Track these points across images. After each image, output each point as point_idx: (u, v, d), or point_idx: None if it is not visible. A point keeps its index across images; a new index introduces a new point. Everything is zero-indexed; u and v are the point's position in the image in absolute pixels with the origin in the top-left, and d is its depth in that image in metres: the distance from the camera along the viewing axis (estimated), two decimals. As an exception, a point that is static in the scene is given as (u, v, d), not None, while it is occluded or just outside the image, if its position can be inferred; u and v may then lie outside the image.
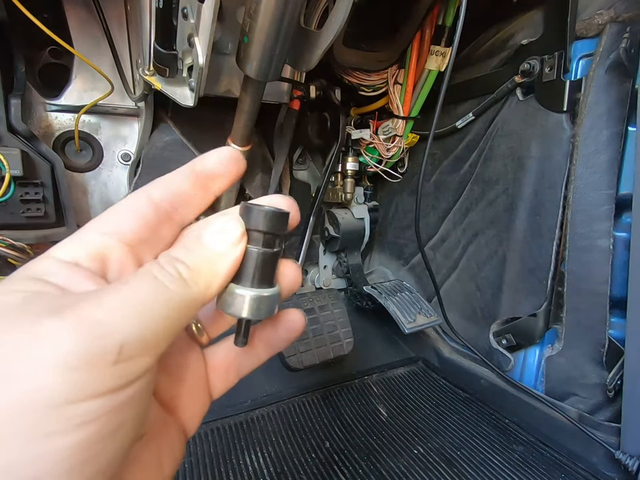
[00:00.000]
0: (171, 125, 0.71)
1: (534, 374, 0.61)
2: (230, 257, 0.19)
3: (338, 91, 0.81)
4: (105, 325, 0.15)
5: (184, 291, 0.18)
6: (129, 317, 0.16)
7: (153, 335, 0.16)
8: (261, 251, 0.21)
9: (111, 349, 0.15)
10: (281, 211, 0.21)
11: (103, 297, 0.16)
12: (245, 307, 0.21)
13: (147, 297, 0.17)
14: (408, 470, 0.53)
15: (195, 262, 0.19)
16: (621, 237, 0.52)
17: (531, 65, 0.60)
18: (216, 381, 0.25)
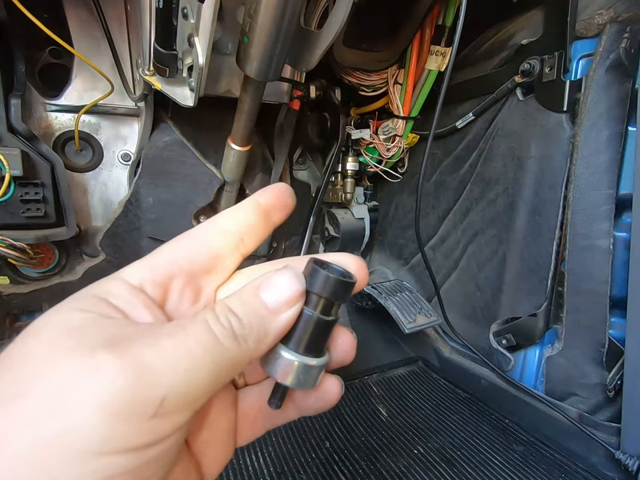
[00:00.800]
0: (171, 125, 0.71)
1: (534, 374, 0.61)
2: (283, 317, 0.18)
3: (338, 91, 0.81)
4: (153, 372, 0.15)
5: (234, 347, 0.17)
6: (178, 369, 0.15)
7: (195, 390, 0.16)
8: (316, 317, 0.19)
9: (154, 401, 0.14)
10: (348, 280, 0.20)
11: (158, 339, 0.16)
12: (287, 373, 0.20)
13: (198, 350, 0.16)
14: (408, 470, 0.53)
15: (248, 317, 0.18)
16: (621, 237, 0.52)
17: (531, 64, 0.60)
18: (244, 428, 0.24)
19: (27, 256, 0.60)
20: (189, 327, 0.17)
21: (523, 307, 0.62)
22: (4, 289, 0.66)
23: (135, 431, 0.14)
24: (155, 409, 0.14)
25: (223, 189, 0.75)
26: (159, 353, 0.15)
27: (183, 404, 0.15)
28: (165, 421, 0.15)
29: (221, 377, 0.17)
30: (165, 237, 0.73)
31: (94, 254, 0.72)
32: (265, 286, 0.19)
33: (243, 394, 0.25)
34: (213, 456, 0.23)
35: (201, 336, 0.16)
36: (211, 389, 0.17)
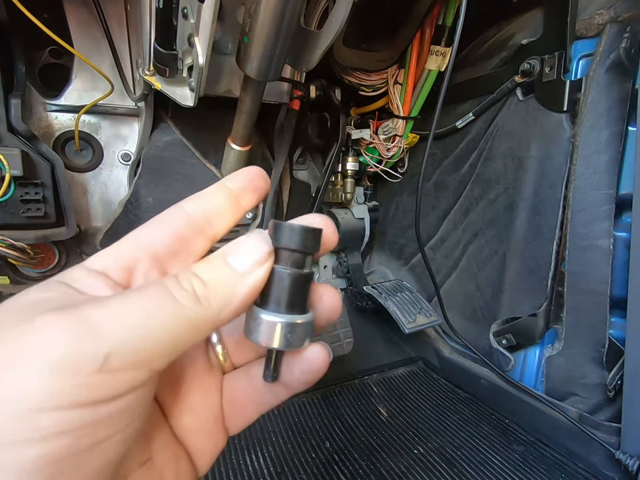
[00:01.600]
0: (171, 125, 0.71)
1: (534, 374, 0.61)
2: (251, 277, 0.18)
3: (338, 91, 0.81)
4: (97, 327, 0.14)
5: (194, 308, 0.17)
6: (126, 325, 0.15)
7: (149, 348, 0.15)
8: (289, 271, 0.19)
9: (97, 356, 0.14)
10: (312, 227, 0.19)
11: (108, 300, 0.15)
12: (272, 335, 0.19)
13: (152, 307, 0.16)
14: (408, 470, 0.53)
15: (212, 279, 0.18)
16: (621, 237, 0.52)
17: (531, 64, 0.60)
18: (233, 414, 0.23)
19: (27, 256, 0.60)
20: (143, 290, 0.16)
21: (523, 307, 0.62)
22: (4, 289, 0.66)
23: (81, 386, 0.14)
24: (99, 364, 0.14)
25: (222, 188, 0.75)
26: (107, 310, 0.15)
27: (135, 361, 0.15)
28: (116, 377, 0.14)
29: (180, 337, 0.16)
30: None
31: (94, 254, 0.72)
32: (232, 251, 0.18)
33: (229, 379, 0.24)
34: (202, 444, 0.22)
35: (156, 294, 0.16)
36: (168, 350, 0.16)
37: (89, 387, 0.14)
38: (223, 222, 0.21)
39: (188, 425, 0.22)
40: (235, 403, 0.23)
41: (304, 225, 0.19)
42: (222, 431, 0.23)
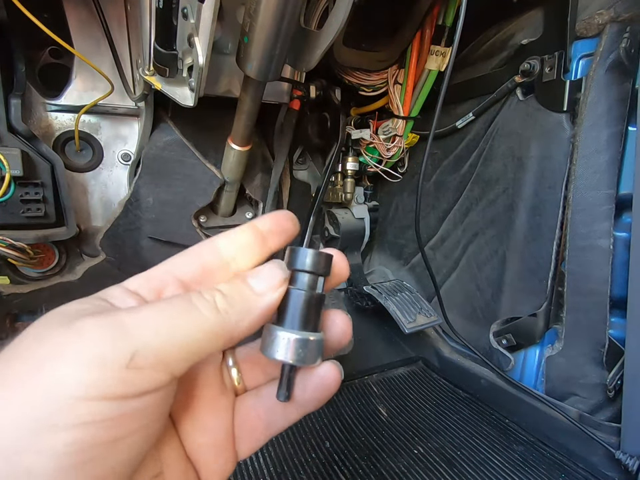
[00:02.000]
0: (171, 125, 0.71)
1: (534, 374, 0.61)
2: (267, 297, 0.20)
3: (338, 91, 0.81)
4: (127, 328, 0.16)
5: (214, 317, 0.18)
6: (152, 328, 0.17)
7: (170, 351, 0.17)
8: (303, 292, 0.21)
9: (125, 353, 0.16)
10: (324, 252, 0.22)
11: (138, 308, 0.18)
12: (286, 350, 0.20)
13: (176, 315, 0.18)
14: (408, 470, 0.53)
15: (231, 294, 0.20)
16: (621, 237, 0.52)
17: (531, 64, 0.60)
18: (243, 437, 0.24)
19: (27, 256, 0.60)
20: (171, 300, 0.18)
21: (523, 307, 0.62)
22: (4, 289, 0.66)
23: (111, 380, 0.15)
24: (127, 360, 0.16)
25: (223, 188, 0.75)
26: (136, 315, 0.17)
27: (158, 361, 0.17)
28: (140, 375, 0.16)
29: (199, 344, 0.18)
30: (165, 236, 0.73)
31: (94, 254, 0.72)
32: (252, 274, 0.21)
33: (241, 402, 0.25)
34: (211, 464, 0.23)
35: (181, 304, 0.18)
36: (188, 355, 0.18)
37: (118, 381, 0.16)
38: (247, 259, 0.23)
39: (199, 443, 0.23)
40: (245, 424, 0.24)
41: (317, 251, 0.21)
42: (231, 452, 0.24)
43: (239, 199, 0.81)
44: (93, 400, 0.15)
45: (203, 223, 0.78)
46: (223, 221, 0.81)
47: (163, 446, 0.21)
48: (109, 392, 0.15)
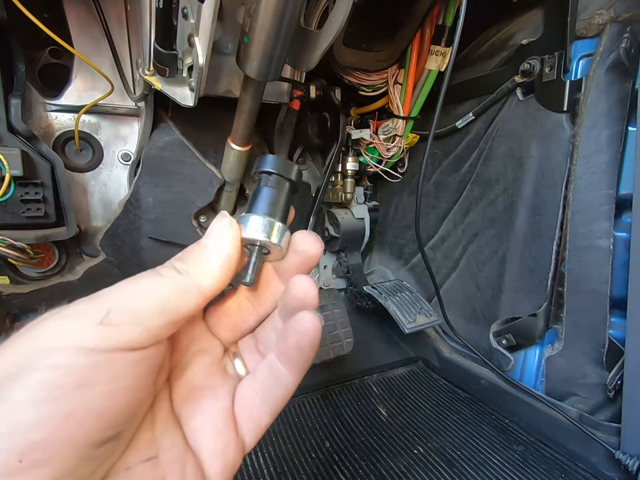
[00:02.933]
0: (171, 125, 0.71)
1: (534, 374, 0.61)
2: (220, 248, 0.22)
3: (338, 91, 0.81)
4: (102, 294, 0.20)
5: (175, 277, 0.21)
6: (122, 291, 0.20)
7: (140, 307, 0.19)
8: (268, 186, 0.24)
9: (99, 310, 0.18)
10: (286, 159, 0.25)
11: (115, 284, 0.20)
12: (252, 229, 0.23)
13: (143, 281, 0.21)
14: (408, 470, 0.53)
15: (188, 257, 0.22)
16: (621, 237, 0.52)
17: (531, 64, 0.60)
18: (243, 417, 0.24)
19: (26, 256, 0.60)
20: (143, 272, 0.21)
21: (523, 306, 0.62)
22: (4, 289, 0.66)
23: (86, 333, 0.18)
24: (102, 316, 0.18)
25: (223, 189, 0.75)
26: (113, 287, 0.20)
27: (130, 316, 0.19)
28: (115, 330, 0.18)
29: (167, 300, 0.20)
30: (165, 236, 0.73)
31: (94, 254, 0.72)
32: (204, 236, 0.23)
33: (239, 385, 0.25)
34: (211, 447, 0.23)
35: (148, 274, 0.21)
36: (159, 308, 0.20)
37: (93, 334, 0.18)
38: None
39: (197, 426, 0.23)
40: (242, 402, 0.25)
41: (281, 157, 0.25)
42: (232, 435, 0.24)
43: (238, 199, 0.81)
44: (68, 349, 0.17)
45: (203, 223, 0.78)
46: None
47: (159, 429, 0.22)
48: (83, 343, 0.17)
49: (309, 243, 0.24)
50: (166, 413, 0.23)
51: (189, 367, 0.25)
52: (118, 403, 0.18)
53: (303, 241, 0.24)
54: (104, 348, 0.18)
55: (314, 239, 0.25)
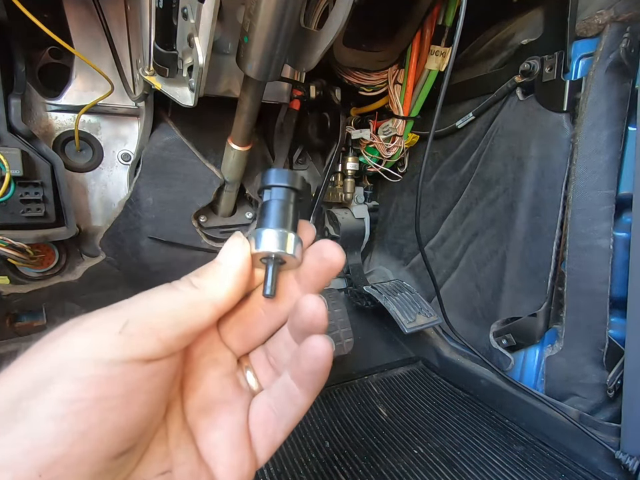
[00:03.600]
0: (171, 125, 0.71)
1: (534, 374, 0.61)
2: (233, 264, 0.23)
3: (338, 91, 0.81)
4: (120, 306, 0.20)
5: (189, 291, 0.22)
6: (139, 305, 0.20)
7: (156, 319, 0.20)
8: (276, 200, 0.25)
9: (118, 321, 0.19)
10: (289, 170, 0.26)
11: (135, 297, 0.21)
12: (266, 242, 0.23)
13: (159, 295, 0.21)
14: (408, 470, 0.53)
15: (203, 273, 0.23)
16: (621, 237, 0.52)
17: (531, 64, 0.60)
18: (258, 433, 0.25)
19: (26, 256, 0.60)
20: (158, 288, 0.22)
21: (523, 306, 0.62)
22: (4, 289, 0.66)
23: (103, 344, 0.18)
24: (120, 327, 0.19)
25: (223, 188, 0.75)
26: (128, 300, 0.21)
27: (147, 328, 0.19)
28: (131, 341, 0.18)
29: (182, 313, 0.21)
30: (165, 236, 0.73)
31: (94, 254, 0.72)
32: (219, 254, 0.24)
33: (254, 400, 0.26)
34: (227, 462, 0.23)
35: (164, 287, 0.22)
36: (174, 322, 0.20)
37: (110, 345, 0.18)
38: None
39: (214, 441, 0.24)
40: (257, 417, 0.25)
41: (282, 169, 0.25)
42: (248, 451, 0.24)
43: (238, 199, 0.81)
44: (88, 360, 0.17)
45: (203, 223, 0.78)
46: (223, 221, 0.81)
47: (173, 443, 0.22)
48: (102, 354, 0.18)
49: (334, 253, 0.25)
50: (179, 426, 0.23)
51: (202, 379, 0.25)
52: (134, 416, 0.19)
53: (329, 249, 0.25)
54: (120, 359, 0.18)
55: (338, 249, 0.25)
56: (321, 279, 0.25)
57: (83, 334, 0.18)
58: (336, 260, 0.25)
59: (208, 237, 0.77)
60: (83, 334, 0.18)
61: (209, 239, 0.77)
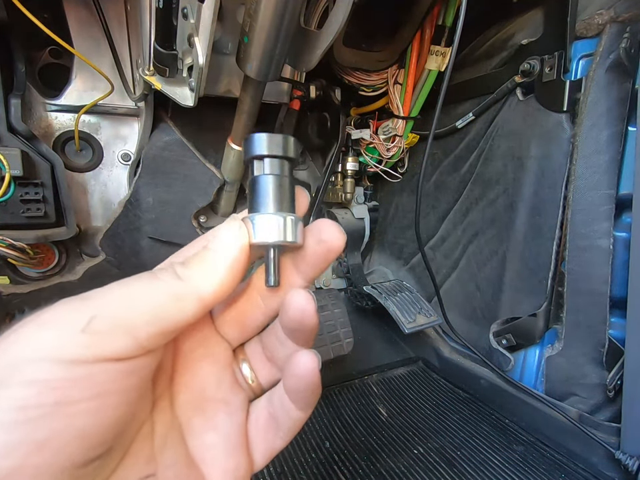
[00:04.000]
0: (171, 125, 0.71)
1: (534, 374, 0.61)
2: (227, 252, 0.20)
3: (338, 91, 0.81)
4: (88, 298, 0.17)
5: (173, 282, 0.19)
6: (111, 295, 0.17)
7: (130, 315, 0.17)
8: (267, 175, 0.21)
9: (82, 317, 0.16)
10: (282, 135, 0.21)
11: (106, 286, 0.18)
12: (265, 231, 0.20)
13: (135, 284, 0.18)
14: (408, 470, 0.53)
15: (191, 261, 0.20)
16: (621, 237, 0.52)
17: (530, 64, 0.60)
18: (257, 439, 0.23)
19: (26, 256, 0.60)
20: (137, 275, 0.19)
21: (523, 306, 0.62)
22: (4, 289, 0.66)
23: (65, 343, 0.16)
24: (84, 324, 0.16)
25: (223, 188, 0.75)
26: (99, 289, 0.18)
27: (117, 325, 0.17)
28: (98, 339, 0.16)
29: (162, 308, 0.18)
30: (165, 236, 0.73)
31: (94, 254, 0.72)
32: (210, 238, 0.21)
33: (255, 404, 0.24)
34: (221, 466, 0.22)
35: (144, 276, 0.19)
36: (152, 319, 0.17)
37: (73, 344, 0.16)
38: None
39: (209, 443, 0.22)
40: (257, 423, 0.24)
41: (271, 133, 0.21)
42: (244, 456, 0.23)
43: (239, 199, 0.81)
44: (44, 361, 0.15)
45: (203, 223, 0.78)
46: (223, 221, 0.81)
47: (159, 443, 0.20)
48: (62, 354, 0.15)
49: (333, 233, 0.22)
50: (167, 424, 0.21)
51: (197, 373, 0.23)
52: (105, 420, 0.16)
53: (327, 230, 0.22)
54: (85, 359, 0.16)
55: (338, 229, 0.22)
56: (320, 261, 0.23)
57: (38, 330, 0.16)
58: (335, 241, 0.22)
59: (208, 237, 0.78)
60: (38, 330, 0.16)
61: (209, 239, 0.77)
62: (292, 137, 0.21)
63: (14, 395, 0.14)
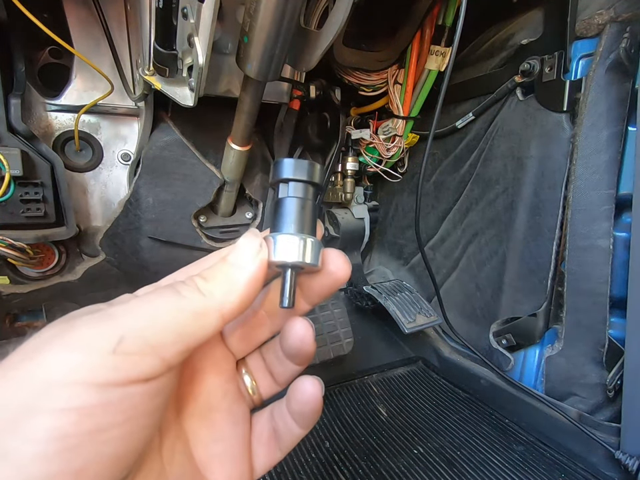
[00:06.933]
0: (171, 125, 0.71)
1: (534, 374, 0.61)
2: (248, 268, 0.20)
3: (338, 91, 0.81)
4: (114, 316, 0.17)
5: (196, 298, 0.19)
6: (137, 314, 0.17)
7: (156, 334, 0.17)
8: (294, 198, 0.22)
9: (111, 338, 0.16)
10: (308, 161, 0.22)
11: (128, 301, 0.18)
12: (285, 251, 0.21)
13: (159, 301, 0.18)
14: (408, 470, 0.53)
15: (213, 275, 0.20)
16: (621, 237, 0.52)
17: (530, 64, 0.60)
18: (259, 450, 0.24)
19: (26, 256, 0.60)
20: (158, 292, 0.19)
21: (523, 307, 0.62)
22: (4, 289, 0.66)
23: (96, 366, 0.15)
24: (114, 345, 0.16)
25: (222, 188, 0.75)
26: (124, 305, 0.18)
27: (145, 345, 0.16)
28: (128, 361, 0.16)
29: (185, 326, 0.18)
30: (165, 236, 0.73)
31: (94, 254, 0.72)
32: (230, 252, 0.21)
33: (257, 416, 0.25)
34: (227, 475, 0.22)
35: (164, 292, 0.19)
36: (177, 337, 0.17)
37: (104, 367, 0.15)
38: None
39: (214, 453, 0.22)
40: (260, 437, 0.24)
41: (299, 159, 0.22)
42: (247, 465, 0.23)
43: (238, 199, 0.81)
44: (77, 385, 0.15)
45: (203, 222, 0.78)
46: (223, 221, 0.81)
47: (167, 455, 0.20)
48: (94, 378, 0.15)
49: (341, 265, 0.23)
50: (174, 435, 0.21)
51: (202, 384, 0.23)
52: (134, 444, 0.16)
53: (335, 261, 0.23)
54: (116, 381, 0.15)
55: (345, 261, 0.23)
56: (325, 291, 0.24)
57: (66, 351, 0.15)
58: (341, 273, 0.23)
59: (208, 237, 0.78)
60: (66, 351, 0.15)
61: (208, 239, 0.77)
62: (318, 164, 0.22)
63: (51, 424, 0.14)
